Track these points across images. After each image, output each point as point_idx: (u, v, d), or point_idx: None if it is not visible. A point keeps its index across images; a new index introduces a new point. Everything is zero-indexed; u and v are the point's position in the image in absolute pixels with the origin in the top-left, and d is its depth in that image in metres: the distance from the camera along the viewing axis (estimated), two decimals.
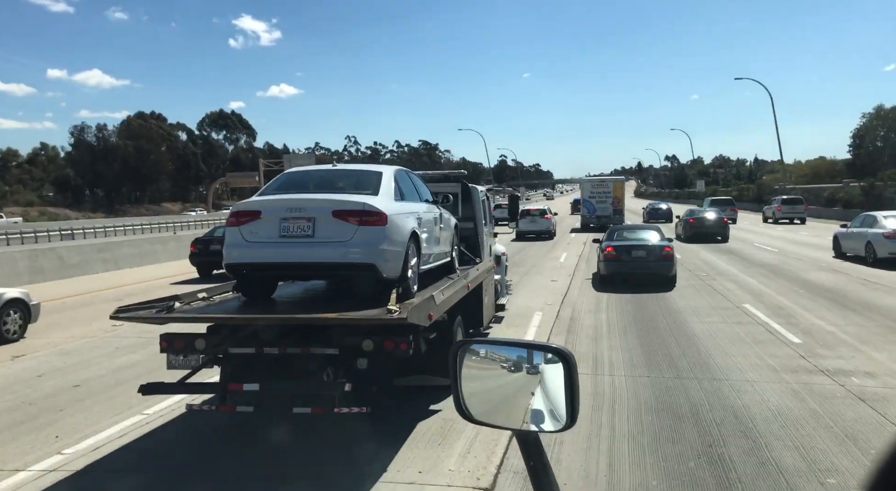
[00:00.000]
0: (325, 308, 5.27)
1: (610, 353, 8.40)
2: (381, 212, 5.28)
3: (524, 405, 1.43)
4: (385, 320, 4.74)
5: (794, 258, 19.08)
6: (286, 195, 5.61)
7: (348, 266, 5.30)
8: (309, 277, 6.60)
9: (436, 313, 5.48)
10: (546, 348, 1.43)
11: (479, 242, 9.33)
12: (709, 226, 26.22)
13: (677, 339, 9.08)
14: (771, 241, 25.40)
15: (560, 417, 1.38)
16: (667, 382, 7.02)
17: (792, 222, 36.88)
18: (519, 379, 1.44)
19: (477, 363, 1.49)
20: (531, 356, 1.45)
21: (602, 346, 8.81)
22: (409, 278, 5.54)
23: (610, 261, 14.68)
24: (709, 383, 6.87)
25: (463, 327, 7.06)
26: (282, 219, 5.29)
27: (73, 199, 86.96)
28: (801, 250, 21.29)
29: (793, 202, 38.17)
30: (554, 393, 1.40)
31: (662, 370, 7.53)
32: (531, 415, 1.41)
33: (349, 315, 4.86)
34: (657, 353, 8.33)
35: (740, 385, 6.78)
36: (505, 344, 1.55)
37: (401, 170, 6.75)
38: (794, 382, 6.89)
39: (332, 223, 5.22)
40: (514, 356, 1.48)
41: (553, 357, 1.41)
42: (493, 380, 1.49)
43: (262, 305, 5.75)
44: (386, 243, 5.26)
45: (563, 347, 1.40)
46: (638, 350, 8.50)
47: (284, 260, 5.35)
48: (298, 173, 6.56)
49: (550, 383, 1.40)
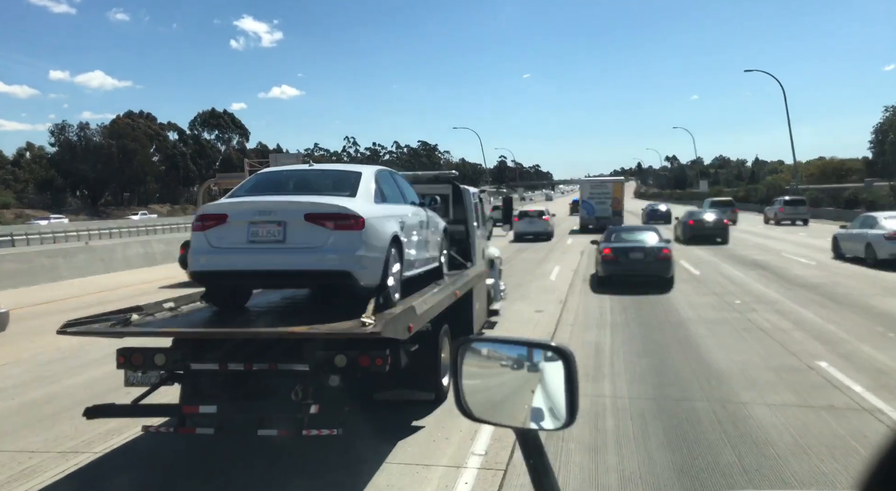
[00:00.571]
0: (299, 319, 5.04)
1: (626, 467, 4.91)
2: (357, 215, 5.04)
3: (524, 403, 1.46)
4: (357, 334, 4.46)
5: (842, 275, 15.84)
6: (255, 197, 5.40)
7: (322, 274, 5.05)
8: (280, 285, 6.24)
9: (417, 324, 5.25)
10: (546, 347, 1.46)
11: (471, 246, 9.12)
12: (708, 228, 26.14)
13: (745, 465, 4.82)
14: (797, 248, 22.77)
15: (560, 414, 1.41)
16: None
17: (794, 224, 36.90)
18: (519, 377, 1.48)
19: (478, 361, 1.52)
20: (531, 354, 1.48)
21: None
22: (390, 286, 5.33)
23: (608, 262, 14.80)
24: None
25: (450, 336, 6.83)
26: (250, 223, 5.06)
27: (53, 201, 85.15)
28: (846, 266, 17.40)
29: (795, 203, 38.15)
30: (554, 391, 1.43)
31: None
32: (531, 413, 1.43)
33: (319, 328, 4.61)
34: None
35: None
36: (505, 342, 1.58)
37: (383, 170, 6.53)
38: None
39: (305, 228, 4.98)
40: (515, 354, 1.52)
41: (553, 355, 1.45)
42: (493, 378, 1.52)
43: (231, 317, 5.48)
44: (363, 249, 5.02)
45: (563, 345, 1.44)
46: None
47: (253, 267, 5.10)
48: (271, 174, 6.29)
49: (550, 381, 1.44)
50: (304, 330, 4.61)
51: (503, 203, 13.18)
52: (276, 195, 5.39)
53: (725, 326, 10.16)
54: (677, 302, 12.59)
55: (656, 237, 15.45)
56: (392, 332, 4.64)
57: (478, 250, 9.35)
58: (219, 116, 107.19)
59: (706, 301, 12.59)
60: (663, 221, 39.76)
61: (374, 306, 4.79)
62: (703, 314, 11.23)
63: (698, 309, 11.76)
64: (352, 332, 4.48)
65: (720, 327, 10.11)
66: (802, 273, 16.40)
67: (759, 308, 11.71)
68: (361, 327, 4.45)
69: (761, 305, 11.99)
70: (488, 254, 10.78)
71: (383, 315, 4.80)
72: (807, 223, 36.60)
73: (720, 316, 11.06)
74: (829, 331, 9.62)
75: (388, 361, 4.78)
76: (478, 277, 8.77)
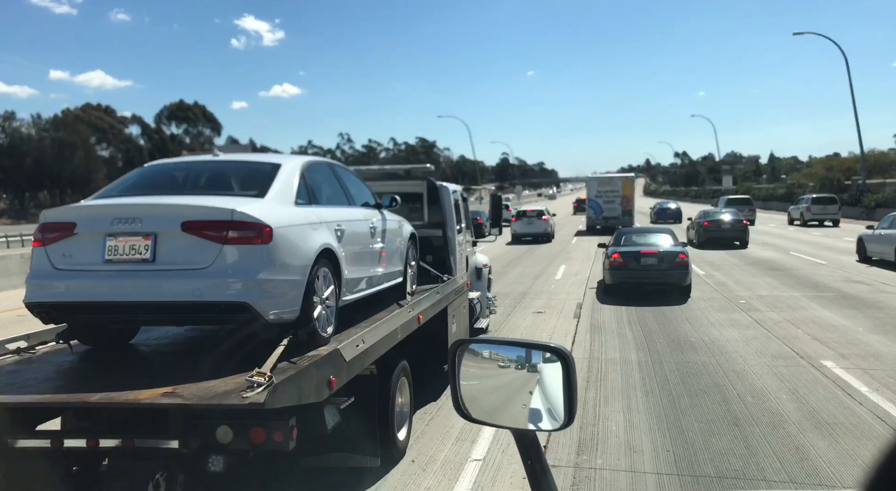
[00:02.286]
0: (183, 369, 4.01)
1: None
2: (259, 223, 3.92)
3: (522, 404, 1.51)
4: (231, 406, 3.33)
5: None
6: (114, 200, 4.32)
7: (207, 307, 3.92)
8: (151, 322, 4.82)
9: (345, 374, 4.31)
10: (544, 348, 1.53)
11: (450, 254, 8.15)
12: (725, 229, 25.15)
13: None
14: (839, 256, 20.34)
15: (558, 415, 1.48)
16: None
17: (822, 225, 35.60)
18: (517, 378, 1.57)
19: (476, 362, 1.57)
20: (530, 355, 1.56)
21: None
22: (315, 319, 4.29)
23: (617, 269, 14.00)
24: None
25: (409, 376, 5.91)
26: (106, 235, 3.94)
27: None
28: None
29: (825, 202, 36.58)
30: (552, 392, 1.53)
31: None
32: (529, 414, 1.49)
33: (182, 392, 3.48)
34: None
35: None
36: (503, 343, 1.64)
37: (318, 162, 5.50)
38: None
39: (183, 241, 3.89)
40: (513, 355, 1.57)
41: (551, 356, 1.53)
42: (491, 379, 1.57)
43: (99, 363, 4.50)
44: (269, 271, 3.93)
45: (561, 346, 1.49)
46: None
47: (108, 299, 3.93)
48: (160, 167, 5.14)
49: (549, 382, 1.52)
50: (152, 396, 3.44)
51: (491, 203, 11.67)
52: (145, 196, 4.32)
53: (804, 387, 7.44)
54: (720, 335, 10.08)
55: (671, 240, 14.60)
56: (291, 397, 3.61)
57: (459, 259, 8.41)
58: (187, 109, 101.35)
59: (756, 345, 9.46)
60: (673, 221, 39.67)
61: (280, 353, 3.78)
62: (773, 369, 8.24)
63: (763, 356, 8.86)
64: (222, 403, 3.32)
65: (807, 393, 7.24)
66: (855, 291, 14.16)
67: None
68: (244, 393, 3.35)
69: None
70: (474, 262, 9.98)
71: (285, 370, 3.72)
72: (837, 224, 35.61)
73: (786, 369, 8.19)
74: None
75: (291, 435, 3.67)
76: (456, 293, 7.91)
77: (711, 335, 10.19)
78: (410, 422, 5.95)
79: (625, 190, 35.71)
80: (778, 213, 47.56)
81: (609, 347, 9.70)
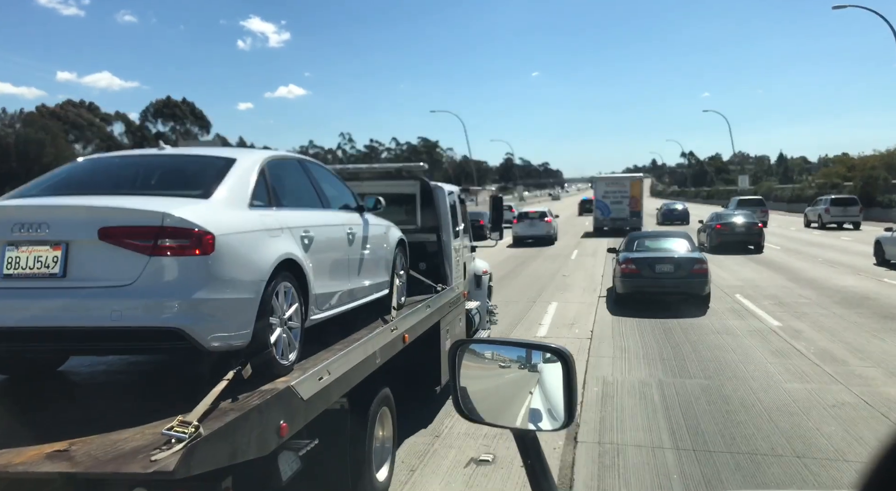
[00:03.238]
0: (102, 410, 3.40)
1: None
2: (197, 229, 3.30)
3: (522, 404, 1.54)
4: (128, 476, 2.55)
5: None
6: (19, 201, 3.73)
7: (130, 334, 3.26)
8: (65, 351, 4.01)
9: (299, 418, 3.64)
10: (544, 348, 1.56)
11: (445, 261, 7.66)
12: (740, 232, 24.31)
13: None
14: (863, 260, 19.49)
15: (558, 415, 1.51)
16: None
17: (841, 228, 34.66)
18: (517, 378, 1.59)
19: (476, 363, 1.61)
20: (530, 356, 1.59)
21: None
22: (273, 344, 3.68)
23: (629, 276, 13.39)
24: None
25: (392, 405, 5.37)
26: (6, 244, 3.32)
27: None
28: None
29: (845, 203, 35.59)
30: (552, 392, 1.58)
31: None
32: (529, 414, 1.52)
33: (75, 453, 2.69)
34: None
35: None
36: (504, 344, 1.67)
37: (284, 157, 4.91)
38: None
39: (101, 252, 3.25)
40: (514, 356, 1.60)
41: (551, 357, 1.57)
42: (491, 379, 1.60)
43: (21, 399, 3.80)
44: (209, 288, 3.32)
45: (561, 346, 1.52)
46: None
47: (4, 324, 3.25)
48: (95, 162, 4.57)
49: (549, 383, 1.56)
50: (33, 458, 2.64)
51: (491, 204, 11.13)
52: (57, 196, 3.72)
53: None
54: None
55: (687, 245, 14.08)
56: (218, 457, 2.87)
57: (455, 267, 7.93)
58: (174, 106, 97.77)
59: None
60: (680, 222, 39.52)
61: (221, 390, 3.13)
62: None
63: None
64: (119, 471, 2.54)
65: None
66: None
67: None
68: (153, 454, 2.62)
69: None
70: (472, 269, 9.56)
71: (225, 413, 3.05)
72: (858, 227, 34.68)
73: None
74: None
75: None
76: (451, 304, 7.43)
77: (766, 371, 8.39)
78: (393, 458, 5.40)
79: (633, 190, 36.04)
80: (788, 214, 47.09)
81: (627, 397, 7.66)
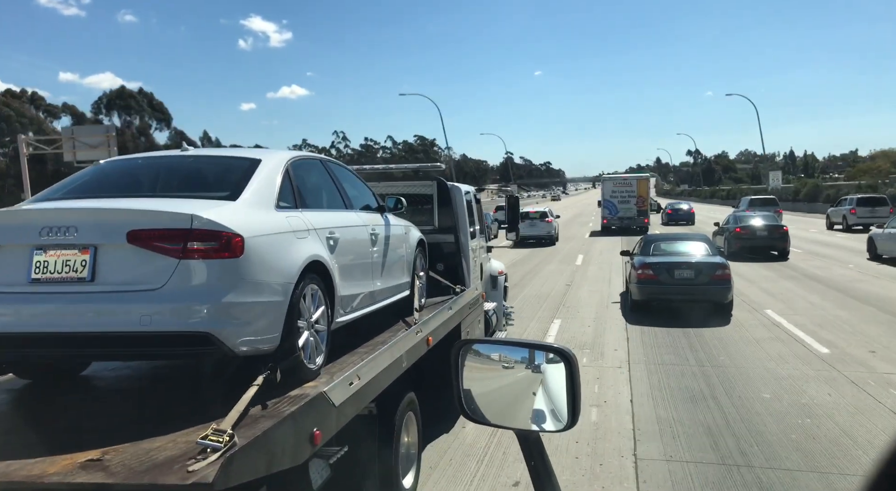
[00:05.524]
0: (131, 418, 3.47)
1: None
2: (227, 231, 3.39)
3: (526, 405, 1.59)
4: (165, 487, 2.55)
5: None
6: (46, 204, 3.83)
7: (159, 339, 3.32)
8: (94, 357, 4.10)
9: (332, 425, 3.73)
10: (548, 348, 1.61)
11: (463, 262, 7.94)
12: (762, 236, 22.84)
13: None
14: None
15: (562, 416, 1.58)
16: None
17: (868, 230, 31.15)
18: (521, 379, 1.66)
19: (479, 363, 1.64)
20: (533, 356, 1.64)
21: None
22: (301, 348, 3.79)
23: (646, 282, 13.10)
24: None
25: (417, 410, 5.53)
26: (34, 248, 3.39)
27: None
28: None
29: (873, 203, 33.74)
30: (556, 393, 1.63)
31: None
32: (533, 415, 1.55)
33: (111, 462, 2.69)
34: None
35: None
36: (507, 344, 1.71)
37: (309, 157, 5.05)
38: None
39: (130, 256, 3.33)
40: (517, 356, 1.64)
41: (555, 357, 1.64)
42: (495, 380, 1.64)
43: (36, 406, 3.88)
44: (239, 291, 3.41)
45: (564, 346, 1.57)
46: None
47: (33, 329, 3.34)
48: (118, 164, 4.64)
49: (552, 383, 1.62)
50: (66, 469, 2.64)
51: (508, 204, 11.71)
52: (91, 199, 3.84)
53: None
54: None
55: (705, 248, 13.81)
56: (256, 468, 2.95)
57: (472, 267, 8.21)
58: (130, 97, 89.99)
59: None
60: (685, 223, 39.72)
61: (251, 396, 3.21)
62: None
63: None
64: (156, 483, 2.55)
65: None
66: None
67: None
68: (190, 464, 2.64)
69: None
70: (488, 269, 9.87)
71: (256, 421, 3.10)
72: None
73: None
74: None
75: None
76: (470, 306, 7.66)
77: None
78: (419, 465, 5.58)
79: (640, 190, 37.74)
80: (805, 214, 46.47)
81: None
